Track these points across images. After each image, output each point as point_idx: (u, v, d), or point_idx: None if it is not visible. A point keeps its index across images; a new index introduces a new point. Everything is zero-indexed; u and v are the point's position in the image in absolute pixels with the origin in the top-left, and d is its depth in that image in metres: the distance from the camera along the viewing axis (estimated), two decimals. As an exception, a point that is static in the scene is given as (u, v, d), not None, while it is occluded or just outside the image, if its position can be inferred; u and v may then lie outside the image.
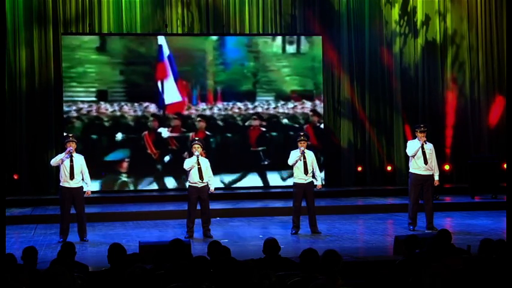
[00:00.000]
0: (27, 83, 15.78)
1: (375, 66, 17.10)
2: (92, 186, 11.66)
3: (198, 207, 11.55)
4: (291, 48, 16.59)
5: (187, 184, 11.79)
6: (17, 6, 15.72)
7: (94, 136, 15.78)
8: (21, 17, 15.74)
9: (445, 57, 17.29)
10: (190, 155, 11.91)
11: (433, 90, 17.23)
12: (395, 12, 17.13)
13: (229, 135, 16.30)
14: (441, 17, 17.25)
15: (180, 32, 16.44)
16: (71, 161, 11.18)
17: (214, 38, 16.42)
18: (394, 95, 17.12)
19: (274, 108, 16.44)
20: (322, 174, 14.46)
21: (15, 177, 15.52)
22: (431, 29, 17.26)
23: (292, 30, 16.83)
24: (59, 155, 11.49)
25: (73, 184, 11.21)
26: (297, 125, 16.33)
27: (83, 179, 11.31)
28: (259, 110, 16.35)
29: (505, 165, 15.07)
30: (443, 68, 17.29)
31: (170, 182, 16.05)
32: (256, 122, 16.34)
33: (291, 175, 11.89)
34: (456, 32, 17.31)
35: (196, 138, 12.00)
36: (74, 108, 15.63)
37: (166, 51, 16.03)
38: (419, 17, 17.21)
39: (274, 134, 16.46)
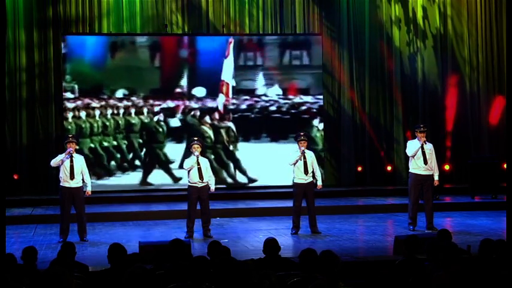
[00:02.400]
0: (27, 82, 15.77)
1: (375, 66, 17.10)
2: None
3: (198, 207, 11.56)
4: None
5: (187, 184, 11.79)
6: (17, 6, 15.72)
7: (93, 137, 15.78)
8: (21, 17, 15.74)
9: (445, 57, 17.28)
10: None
11: (433, 90, 17.22)
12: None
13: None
14: (441, 17, 17.25)
15: (180, 32, 16.43)
16: (71, 161, 11.20)
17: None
18: (394, 95, 17.11)
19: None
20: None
21: (15, 177, 15.51)
22: (431, 29, 17.26)
23: (292, 29, 16.82)
24: (59, 155, 11.50)
25: (73, 184, 11.22)
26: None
27: (83, 179, 11.34)
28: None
29: (505, 165, 15.07)
30: (443, 68, 17.28)
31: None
32: None
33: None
34: (456, 33, 17.30)
35: (195, 138, 11.97)
36: (74, 107, 15.63)
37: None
38: (420, 16, 17.20)
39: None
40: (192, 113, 16.14)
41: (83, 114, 15.66)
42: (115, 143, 15.85)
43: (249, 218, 13.44)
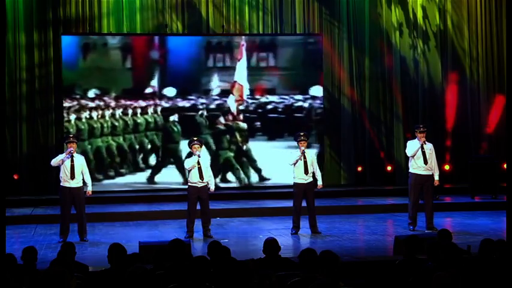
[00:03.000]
0: (27, 82, 15.76)
1: (375, 66, 17.09)
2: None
3: (198, 207, 11.56)
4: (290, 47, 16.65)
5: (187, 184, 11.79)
6: (17, 6, 15.72)
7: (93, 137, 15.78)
8: (21, 17, 15.73)
9: (445, 57, 17.27)
10: (190, 155, 11.91)
11: (433, 90, 17.21)
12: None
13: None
14: (441, 17, 17.24)
15: (180, 32, 16.43)
16: (72, 161, 11.21)
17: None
18: (394, 95, 17.10)
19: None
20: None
21: (15, 177, 15.50)
22: (432, 29, 17.25)
23: (292, 29, 16.81)
24: (60, 155, 11.52)
25: (73, 184, 11.23)
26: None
27: (83, 179, 11.35)
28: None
29: (505, 165, 15.06)
30: (443, 68, 17.27)
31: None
32: None
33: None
34: (456, 32, 17.30)
35: (195, 138, 11.98)
36: (74, 107, 15.64)
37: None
38: (420, 18, 17.19)
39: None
40: (200, 112, 16.15)
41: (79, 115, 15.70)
42: (121, 142, 15.88)
43: (249, 218, 13.44)
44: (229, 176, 16.26)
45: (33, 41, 15.75)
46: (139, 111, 15.91)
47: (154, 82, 16.03)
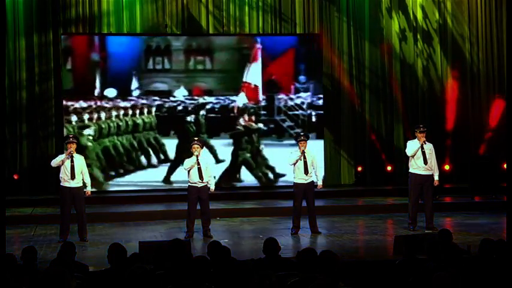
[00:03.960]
0: (27, 82, 15.76)
1: (375, 65, 17.09)
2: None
3: (198, 207, 11.56)
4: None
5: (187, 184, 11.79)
6: (17, 6, 15.71)
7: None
8: (21, 17, 15.73)
9: (445, 57, 17.27)
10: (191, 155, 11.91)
11: (433, 90, 17.22)
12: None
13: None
14: (441, 17, 17.25)
15: (180, 32, 16.42)
16: (72, 161, 11.22)
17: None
18: (394, 95, 17.10)
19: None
20: (323, 173, 14.32)
21: (15, 177, 15.50)
22: (431, 28, 17.26)
23: (292, 29, 16.82)
24: (59, 156, 11.53)
25: (73, 184, 11.24)
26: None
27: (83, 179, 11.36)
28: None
29: (505, 165, 15.06)
30: (444, 68, 17.27)
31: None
32: None
33: None
34: (456, 32, 17.30)
35: (196, 138, 12.00)
36: (74, 108, 15.65)
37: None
38: (420, 17, 17.20)
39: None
40: (201, 112, 16.15)
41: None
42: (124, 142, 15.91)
43: (249, 218, 13.44)
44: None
45: (33, 41, 15.75)
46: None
47: (96, 83, 15.97)
